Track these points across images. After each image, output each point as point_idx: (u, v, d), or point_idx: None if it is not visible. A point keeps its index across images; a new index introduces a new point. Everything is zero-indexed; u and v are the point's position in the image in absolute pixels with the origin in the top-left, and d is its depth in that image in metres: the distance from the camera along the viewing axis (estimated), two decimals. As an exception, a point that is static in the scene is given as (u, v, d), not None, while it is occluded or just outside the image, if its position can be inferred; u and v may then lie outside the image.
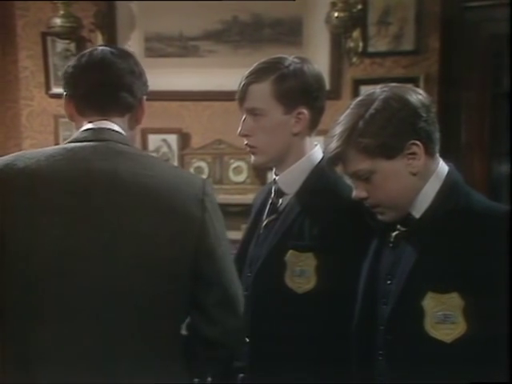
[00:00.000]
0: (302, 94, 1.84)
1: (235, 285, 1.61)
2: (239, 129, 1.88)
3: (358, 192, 1.63)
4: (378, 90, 1.63)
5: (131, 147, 1.63)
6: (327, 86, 3.63)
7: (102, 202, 1.51)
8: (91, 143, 1.58)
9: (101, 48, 1.71)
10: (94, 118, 1.63)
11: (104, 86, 1.64)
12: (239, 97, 1.87)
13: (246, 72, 1.86)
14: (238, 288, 1.62)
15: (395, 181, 1.59)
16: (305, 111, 1.84)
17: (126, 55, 1.70)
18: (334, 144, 1.60)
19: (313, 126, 1.89)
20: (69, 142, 1.62)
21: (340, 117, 1.63)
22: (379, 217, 1.65)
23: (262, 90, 1.83)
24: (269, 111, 1.83)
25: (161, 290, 1.53)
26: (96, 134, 1.60)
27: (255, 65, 1.87)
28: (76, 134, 1.63)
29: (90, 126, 1.63)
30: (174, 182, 1.57)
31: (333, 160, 1.64)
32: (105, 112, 1.63)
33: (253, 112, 1.85)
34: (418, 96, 1.60)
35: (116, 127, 1.63)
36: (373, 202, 1.63)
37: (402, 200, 1.61)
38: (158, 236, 1.52)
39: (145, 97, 1.70)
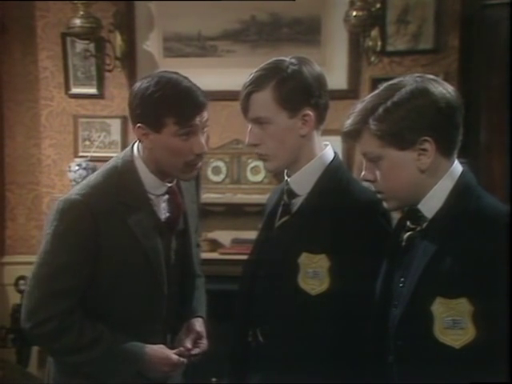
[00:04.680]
0: (303, 96, 1.82)
1: None
2: (246, 139, 1.88)
3: (365, 173, 1.64)
4: (411, 77, 1.61)
5: (112, 161, 2.01)
6: (345, 85, 3.72)
7: None
8: None
9: None
10: None
11: None
12: (242, 107, 1.86)
13: (246, 81, 1.84)
14: None
15: (401, 172, 1.58)
16: (310, 112, 1.83)
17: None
18: (350, 120, 1.62)
19: (319, 124, 1.88)
20: None
21: (368, 95, 1.64)
22: (384, 203, 1.66)
23: (264, 98, 1.81)
24: (274, 118, 1.82)
25: None
26: None
27: (253, 72, 1.85)
28: None
29: None
30: None
31: (346, 136, 1.64)
32: None
33: (258, 121, 1.84)
34: (447, 95, 1.58)
35: (135, 145, 1.99)
36: (377, 187, 1.63)
37: (405, 193, 1.61)
38: None
39: (138, 125, 1.90)
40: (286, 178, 1.92)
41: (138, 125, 1.90)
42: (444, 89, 1.59)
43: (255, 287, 1.91)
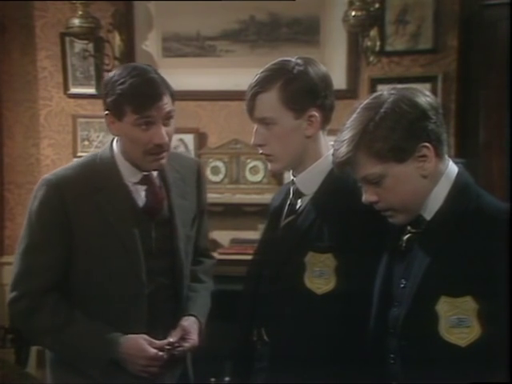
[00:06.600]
0: (309, 97, 1.82)
1: None
2: (252, 139, 1.88)
3: (367, 196, 1.62)
4: (385, 92, 1.61)
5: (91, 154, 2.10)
6: (344, 85, 3.72)
7: None
8: None
9: None
10: None
11: None
12: (248, 108, 1.86)
13: (252, 82, 1.85)
14: None
15: (406, 184, 1.58)
16: (315, 113, 1.83)
17: None
18: (344, 149, 1.59)
19: (325, 125, 1.88)
20: None
21: (347, 121, 1.61)
22: (389, 220, 1.64)
23: (270, 99, 1.81)
24: (279, 119, 1.82)
25: None
26: None
27: (259, 73, 1.85)
28: None
29: None
30: None
31: (343, 165, 1.62)
32: None
33: (264, 121, 1.84)
34: (426, 98, 1.59)
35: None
36: (383, 206, 1.62)
37: (413, 203, 1.60)
38: None
39: (106, 112, 1.96)
40: (292, 177, 1.92)
41: (106, 112, 1.96)
42: (421, 94, 1.60)
43: (260, 286, 1.91)
